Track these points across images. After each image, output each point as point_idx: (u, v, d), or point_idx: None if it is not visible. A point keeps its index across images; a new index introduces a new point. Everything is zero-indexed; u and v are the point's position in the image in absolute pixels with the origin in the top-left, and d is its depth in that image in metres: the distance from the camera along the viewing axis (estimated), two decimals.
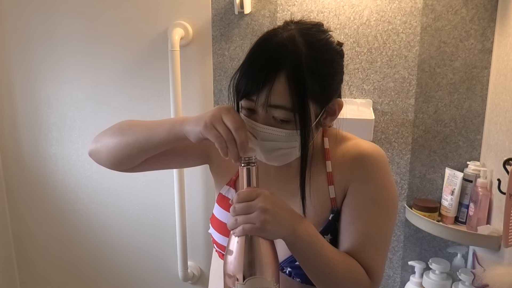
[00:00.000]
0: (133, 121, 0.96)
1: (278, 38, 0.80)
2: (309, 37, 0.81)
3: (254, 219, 0.74)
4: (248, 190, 0.77)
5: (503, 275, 1.10)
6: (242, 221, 0.75)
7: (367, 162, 0.90)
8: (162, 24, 1.72)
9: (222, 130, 0.77)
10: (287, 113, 0.79)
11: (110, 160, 0.95)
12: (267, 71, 0.78)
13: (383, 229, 0.90)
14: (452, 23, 1.55)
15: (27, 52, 1.85)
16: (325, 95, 0.83)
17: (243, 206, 0.76)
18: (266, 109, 0.80)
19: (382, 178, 0.90)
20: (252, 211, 0.75)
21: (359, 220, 0.88)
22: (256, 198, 0.76)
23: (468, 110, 1.60)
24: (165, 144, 0.89)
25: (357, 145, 0.92)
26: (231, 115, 0.78)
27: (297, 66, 0.78)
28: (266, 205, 0.75)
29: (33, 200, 2.00)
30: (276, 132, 0.81)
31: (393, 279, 1.79)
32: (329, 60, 0.83)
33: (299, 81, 0.78)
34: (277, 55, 0.79)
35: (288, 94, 0.78)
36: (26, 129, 1.93)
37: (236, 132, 0.77)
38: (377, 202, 0.89)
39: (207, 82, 1.75)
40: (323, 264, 0.82)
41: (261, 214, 0.74)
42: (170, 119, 0.89)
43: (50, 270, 2.09)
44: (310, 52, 0.80)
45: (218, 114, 0.78)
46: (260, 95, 0.79)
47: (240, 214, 0.75)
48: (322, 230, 0.90)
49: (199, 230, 1.90)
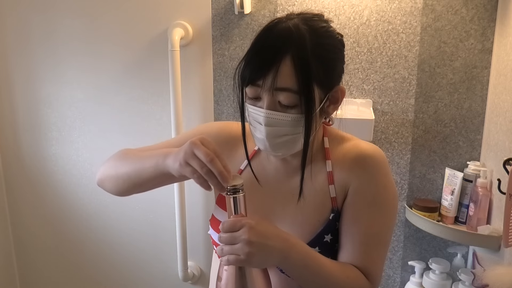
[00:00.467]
0: (128, 153, 0.96)
1: (282, 25, 0.82)
2: (312, 24, 0.83)
3: (239, 251, 0.74)
4: (232, 221, 0.76)
5: (503, 275, 1.10)
6: (227, 252, 0.75)
7: (367, 163, 0.90)
8: (162, 24, 1.72)
9: (196, 165, 0.75)
10: (293, 96, 0.80)
11: (114, 192, 0.98)
12: (272, 55, 0.79)
13: (383, 230, 0.91)
14: (452, 23, 1.55)
15: (27, 52, 1.85)
16: (329, 79, 0.85)
17: (228, 237, 0.75)
18: (272, 93, 0.80)
19: (383, 179, 0.90)
20: (237, 242, 0.75)
21: (359, 221, 0.89)
22: (240, 229, 0.75)
23: (468, 110, 1.60)
24: (154, 179, 0.88)
25: (357, 145, 0.93)
26: (202, 148, 0.76)
27: (302, 49, 0.79)
28: (250, 237, 0.74)
29: (33, 200, 2.00)
30: (282, 117, 0.82)
31: (393, 279, 1.79)
32: (331, 45, 0.85)
33: (305, 63, 0.79)
34: (282, 39, 0.80)
35: (294, 76, 0.79)
36: (26, 129, 1.93)
37: (210, 164, 0.74)
38: (377, 203, 0.89)
39: (207, 82, 1.75)
40: (322, 282, 0.83)
41: (245, 247, 0.74)
42: (157, 153, 0.87)
43: (50, 270, 2.09)
44: (314, 37, 0.81)
45: (189, 150, 0.77)
46: (267, 79, 0.80)
47: (226, 244, 0.75)
48: (323, 229, 0.90)
49: (199, 230, 1.90)
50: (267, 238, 0.77)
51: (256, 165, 0.96)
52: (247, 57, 0.82)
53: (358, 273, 0.87)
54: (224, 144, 0.99)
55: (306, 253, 0.82)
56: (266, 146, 0.85)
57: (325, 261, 0.84)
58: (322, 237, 0.89)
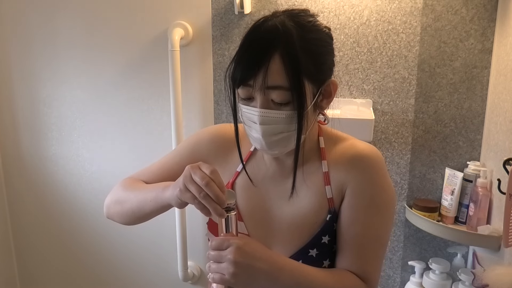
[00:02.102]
0: (130, 187, 0.99)
1: (269, 23, 0.82)
2: (299, 20, 0.83)
3: (224, 270, 0.76)
4: (221, 239, 0.78)
5: (503, 275, 1.10)
6: (214, 270, 0.77)
7: (364, 163, 0.89)
8: (162, 24, 1.72)
9: (194, 189, 0.76)
10: (285, 93, 0.80)
11: (123, 223, 1.01)
12: (261, 53, 0.79)
13: (382, 231, 0.90)
14: (452, 23, 1.55)
15: (27, 52, 1.85)
16: (319, 73, 0.84)
17: (215, 255, 0.77)
18: (264, 92, 0.80)
19: (380, 180, 0.89)
20: (223, 261, 0.76)
21: (357, 223, 0.88)
22: (227, 249, 0.76)
23: (468, 110, 1.60)
24: (156, 212, 0.91)
25: (353, 146, 0.92)
26: (198, 171, 0.76)
27: (290, 45, 0.79)
28: (236, 257, 0.75)
29: (33, 200, 2.00)
30: (276, 115, 0.82)
31: (393, 279, 1.79)
32: (319, 39, 0.85)
33: (294, 59, 0.79)
34: (269, 37, 0.80)
35: (284, 73, 0.79)
36: (26, 129, 1.93)
37: (206, 188, 0.75)
38: (375, 204, 0.89)
39: (207, 82, 1.75)
40: None
41: (230, 266, 0.75)
42: (157, 186, 0.89)
43: (50, 269, 2.09)
44: (301, 33, 0.81)
45: (188, 174, 0.77)
46: (257, 78, 0.79)
47: (213, 262, 0.77)
48: (320, 231, 0.89)
49: (199, 230, 1.90)
50: (254, 259, 0.77)
51: (252, 167, 0.96)
52: (236, 57, 0.82)
53: (354, 280, 0.86)
54: (219, 149, 0.99)
55: (297, 272, 0.82)
56: (262, 144, 0.85)
57: (319, 275, 0.84)
58: (320, 239, 0.89)
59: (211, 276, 0.77)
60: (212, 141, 1.00)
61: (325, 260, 0.90)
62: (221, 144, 0.99)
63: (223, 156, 0.99)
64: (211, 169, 0.77)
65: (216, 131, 1.01)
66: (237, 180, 0.97)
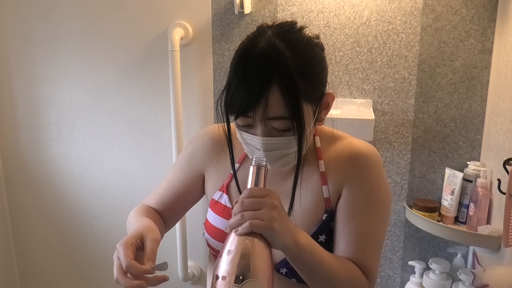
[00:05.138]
0: (130, 219, 1.04)
1: (259, 48, 0.79)
2: (290, 40, 0.80)
3: (263, 215, 0.72)
4: (260, 188, 0.75)
5: (503, 275, 1.10)
6: (250, 217, 0.72)
7: (361, 162, 0.90)
8: (162, 24, 1.72)
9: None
10: (286, 122, 0.79)
11: None
12: (259, 85, 0.76)
13: (378, 228, 0.91)
14: (452, 23, 1.55)
15: (27, 53, 1.84)
16: (317, 92, 0.84)
17: (253, 201, 0.73)
18: (265, 122, 0.79)
19: (377, 178, 0.90)
20: (261, 208, 0.73)
21: (354, 220, 0.88)
22: (267, 196, 0.74)
23: (468, 110, 1.60)
24: None
25: (350, 144, 0.92)
26: (116, 260, 0.83)
27: (286, 73, 0.77)
28: (278, 204, 0.74)
29: (33, 200, 2.00)
30: (279, 141, 0.81)
31: (393, 279, 1.79)
32: (314, 58, 0.83)
33: (292, 88, 0.77)
34: (264, 66, 0.77)
35: (283, 104, 0.77)
36: (26, 129, 1.93)
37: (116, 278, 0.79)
38: (371, 201, 0.89)
39: (207, 82, 1.75)
40: (325, 272, 0.82)
41: (271, 211, 0.73)
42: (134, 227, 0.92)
43: (50, 269, 2.09)
44: (295, 55, 0.79)
45: (115, 254, 0.83)
46: (257, 111, 0.78)
47: (248, 210, 0.73)
48: (317, 230, 0.90)
49: (199, 230, 1.90)
50: (286, 215, 0.77)
51: (247, 169, 0.95)
52: (231, 87, 0.79)
53: (357, 269, 0.87)
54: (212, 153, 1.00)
55: (311, 240, 0.82)
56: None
57: (327, 253, 0.84)
58: (317, 238, 0.89)
59: (246, 225, 0.71)
60: (204, 148, 1.01)
61: None
62: (213, 148, 1.00)
63: (217, 159, 0.99)
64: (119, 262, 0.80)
65: (207, 136, 1.02)
66: (231, 183, 0.97)
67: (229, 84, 0.80)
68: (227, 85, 0.81)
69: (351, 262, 0.87)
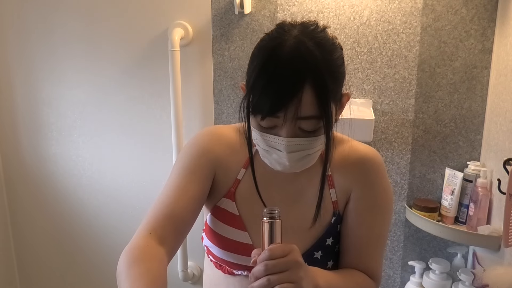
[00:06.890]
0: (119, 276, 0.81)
1: (288, 47, 0.76)
2: (317, 39, 0.78)
3: (291, 277, 0.69)
4: (280, 246, 0.71)
5: (503, 275, 1.10)
6: (277, 281, 0.68)
7: (369, 166, 0.91)
8: (162, 24, 1.72)
9: None
10: (315, 122, 0.77)
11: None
12: (291, 84, 0.74)
13: (384, 230, 0.93)
14: (452, 23, 1.55)
15: (27, 52, 1.85)
16: (339, 92, 0.83)
17: (277, 264, 0.69)
18: (294, 122, 0.77)
19: (382, 182, 0.92)
20: (287, 268, 0.70)
21: (363, 224, 0.90)
22: (289, 254, 0.71)
23: (468, 110, 1.60)
24: None
25: (355, 149, 0.93)
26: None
27: (319, 73, 0.75)
28: (300, 259, 0.72)
29: (33, 200, 2.00)
30: (303, 142, 0.80)
31: (393, 279, 1.79)
32: (338, 58, 0.82)
33: (325, 87, 0.76)
34: (297, 65, 0.75)
35: (316, 103, 0.75)
36: (26, 129, 1.93)
37: None
38: (379, 205, 0.91)
39: (207, 82, 1.75)
40: None
41: (297, 271, 0.70)
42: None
43: (50, 269, 2.09)
44: (324, 55, 0.77)
45: None
46: (288, 110, 0.75)
47: (274, 273, 0.69)
48: (325, 233, 0.90)
49: (199, 231, 1.89)
50: (305, 264, 0.75)
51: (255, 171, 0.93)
52: (257, 86, 0.76)
53: (364, 276, 0.89)
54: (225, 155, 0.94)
55: (326, 275, 0.82)
56: (286, 167, 0.83)
57: (340, 277, 0.85)
58: (324, 241, 0.90)
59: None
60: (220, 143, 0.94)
61: (329, 261, 0.91)
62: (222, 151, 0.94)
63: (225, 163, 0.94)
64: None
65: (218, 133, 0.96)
66: (238, 189, 0.93)
67: (255, 84, 0.76)
68: (253, 86, 0.77)
69: (359, 273, 0.89)
